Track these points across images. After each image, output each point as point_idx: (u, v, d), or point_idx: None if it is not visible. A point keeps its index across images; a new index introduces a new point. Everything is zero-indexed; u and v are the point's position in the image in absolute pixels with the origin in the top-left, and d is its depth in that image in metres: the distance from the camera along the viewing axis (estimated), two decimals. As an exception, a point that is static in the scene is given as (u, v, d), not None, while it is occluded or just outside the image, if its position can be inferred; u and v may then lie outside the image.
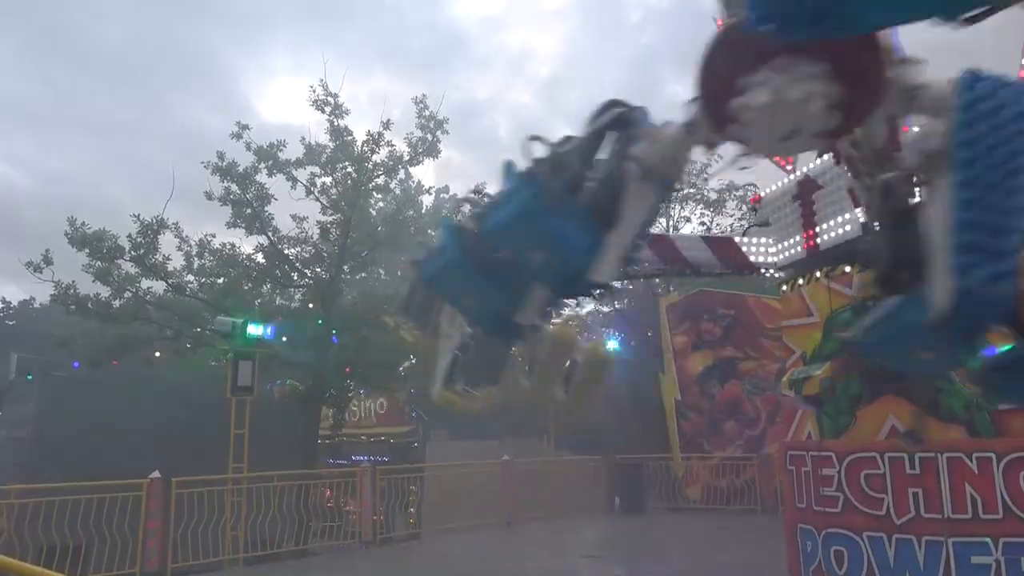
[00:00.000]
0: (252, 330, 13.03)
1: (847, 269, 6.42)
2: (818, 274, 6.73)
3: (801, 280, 7.06)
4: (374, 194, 18.13)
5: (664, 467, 16.33)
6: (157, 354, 20.13)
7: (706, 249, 7.90)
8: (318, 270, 17.82)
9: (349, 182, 17.42)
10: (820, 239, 6.79)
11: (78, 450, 12.91)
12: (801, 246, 7.03)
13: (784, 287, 7.53)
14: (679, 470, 16.10)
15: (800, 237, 7.04)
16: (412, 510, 16.37)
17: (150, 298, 17.33)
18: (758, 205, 7.89)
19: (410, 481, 14.92)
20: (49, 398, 15.50)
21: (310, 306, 18.18)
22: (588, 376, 2.97)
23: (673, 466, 16.17)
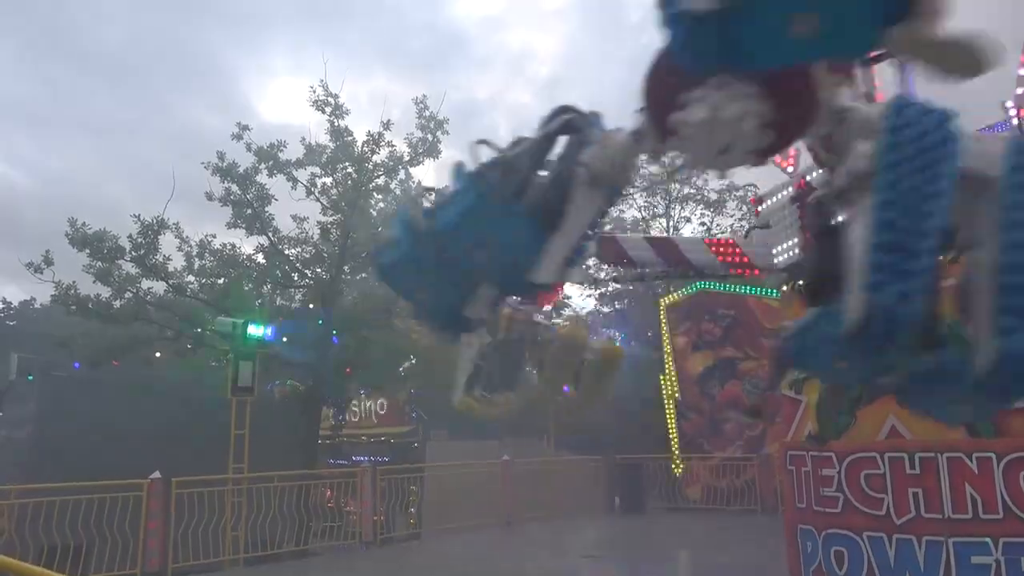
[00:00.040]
0: (252, 331, 13.04)
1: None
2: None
3: (802, 280, 7.04)
4: (374, 195, 18.15)
5: (664, 467, 16.34)
6: (157, 355, 20.14)
7: (707, 251, 7.90)
8: (318, 270, 17.82)
9: (349, 182, 17.44)
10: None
11: (78, 450, 12.91)
12: (800, 248, 7.03)
13: (784, 287, 7.53)
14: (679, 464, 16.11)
15: (798, 240, 7.03)
16: (412, 510, 16.38)
17: (150, 299, 17.33)
18: (759, 208, 7.89)
19: (410, 481, 14.92)
20: (49, 398, 15.50)
21: (310, 306, 18.19)
22: (601, 374, 3.00)
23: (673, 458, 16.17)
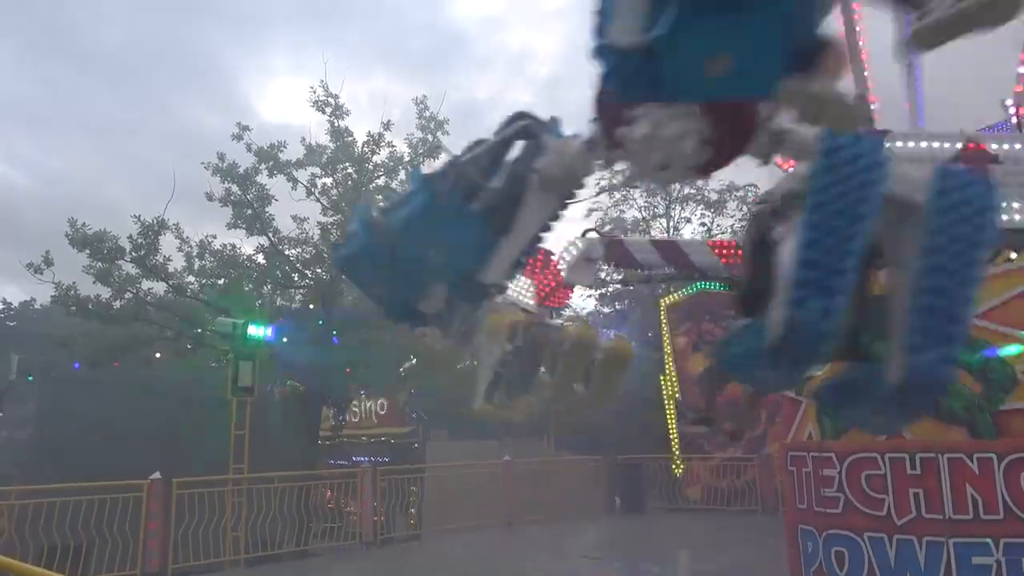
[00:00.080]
0: (253, 331, 13.05)
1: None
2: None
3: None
4: (375, 195, 18.13)
5: (664, 467, 16.33)
6: (157, 355, 20.13)
7: (710, 253, 7.89)
8: (319, 271, 17.80)
9: (350, 183, 17.42)
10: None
11: (79, 450, 12.93)
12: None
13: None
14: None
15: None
16: (412, 511, 16.37)
17: (151, 299, 17.32)
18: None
19: (410, 482, 14.91)
20: (50, 399, 15.52)
21: (311, 307, 18.19)
22: (611, 372, 3.03)
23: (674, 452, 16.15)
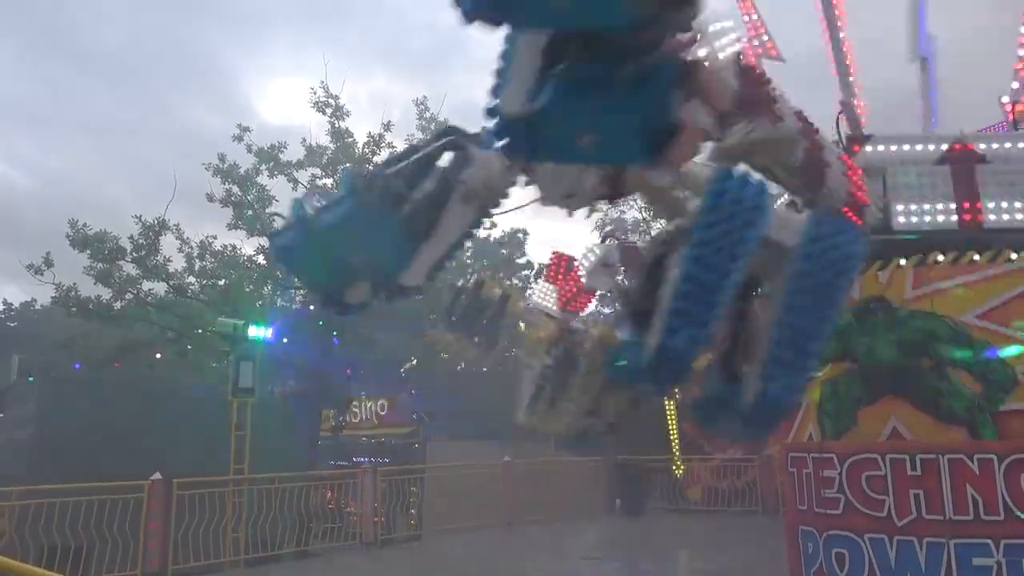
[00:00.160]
0: (253, 332, 13.04)
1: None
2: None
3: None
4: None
5: (665, 468, 16.31)
6: (158, 355, 20.14)
7: None
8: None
9: (350, 183, 17.42)
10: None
11: (79, 451, 12.88)
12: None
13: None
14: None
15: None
16: (413, 511, 16.35)
17: (151, 300, 17.33)
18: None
19: (411, 482, 14.90)
20: (50, 399, 15.46)
21: (311, 308, 18.19)
22: None
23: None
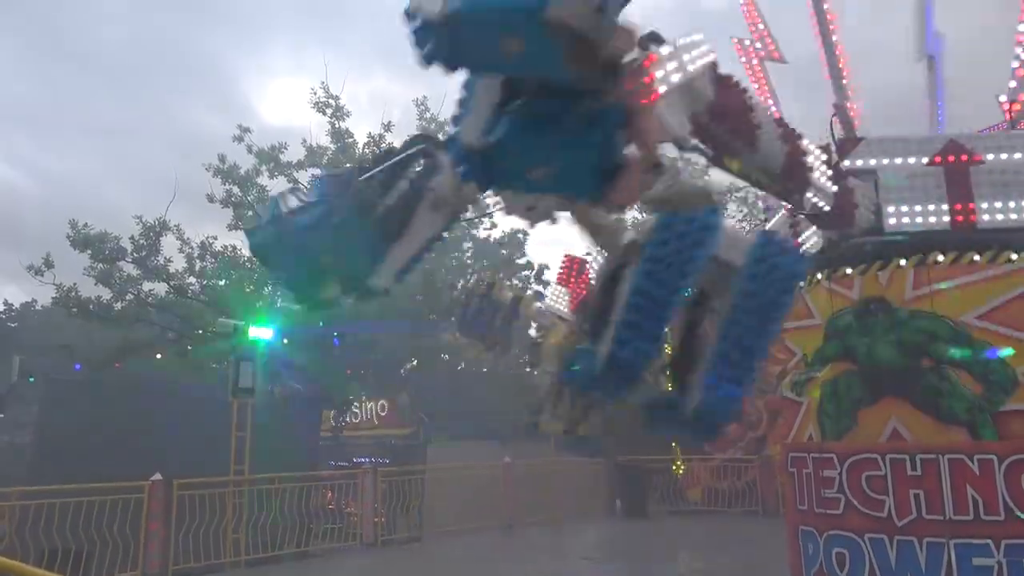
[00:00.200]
0: (254, 332, 13.05)
1: (848, 271, 6.42)
2: (819, 276, 6.72)
3: (802, 282, 7.04)
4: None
5: (665, 469, 16.31)
6: (159, 356, 20.15)
7: None
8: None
9: (350, 184, 17.42)
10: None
11: (79, 452, 12.89)
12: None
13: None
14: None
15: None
16: (413, 512, 16.34)
17: (152, 300, 17.34)
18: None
19: (411, 483, 14.90)
20: (51, 400, 15.47)
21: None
22: None
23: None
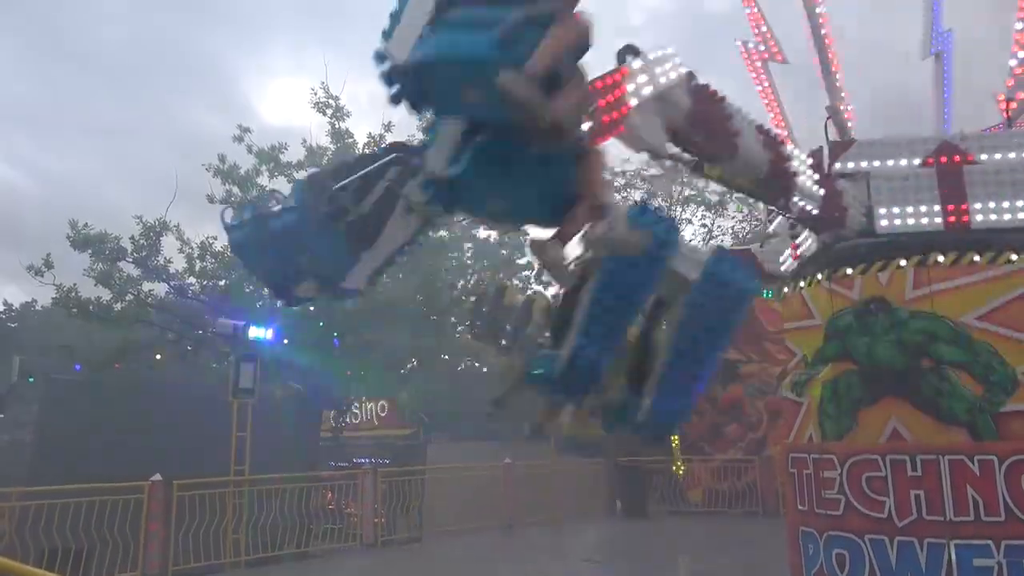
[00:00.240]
0: (254, 333, 13.04)
1: (848, 271, 6.42)
2: (819, 276, 6.71)
3: (802, 282, 7.04)
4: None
5: (665, 470, 16.30)
6: (159, 357, 20.15)
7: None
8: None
9: (350, 185, 17.40)
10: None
11: (79, 452, 12.89)
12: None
13: (785, 289, 7.52)
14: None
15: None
16: (414, 512, 16.34)
17: (152, 301, 17.32)
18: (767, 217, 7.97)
19: (411, 483, 14.89)
20: (51, 401, 15.49)
21: (311, 309, 18.18)
22: None
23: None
